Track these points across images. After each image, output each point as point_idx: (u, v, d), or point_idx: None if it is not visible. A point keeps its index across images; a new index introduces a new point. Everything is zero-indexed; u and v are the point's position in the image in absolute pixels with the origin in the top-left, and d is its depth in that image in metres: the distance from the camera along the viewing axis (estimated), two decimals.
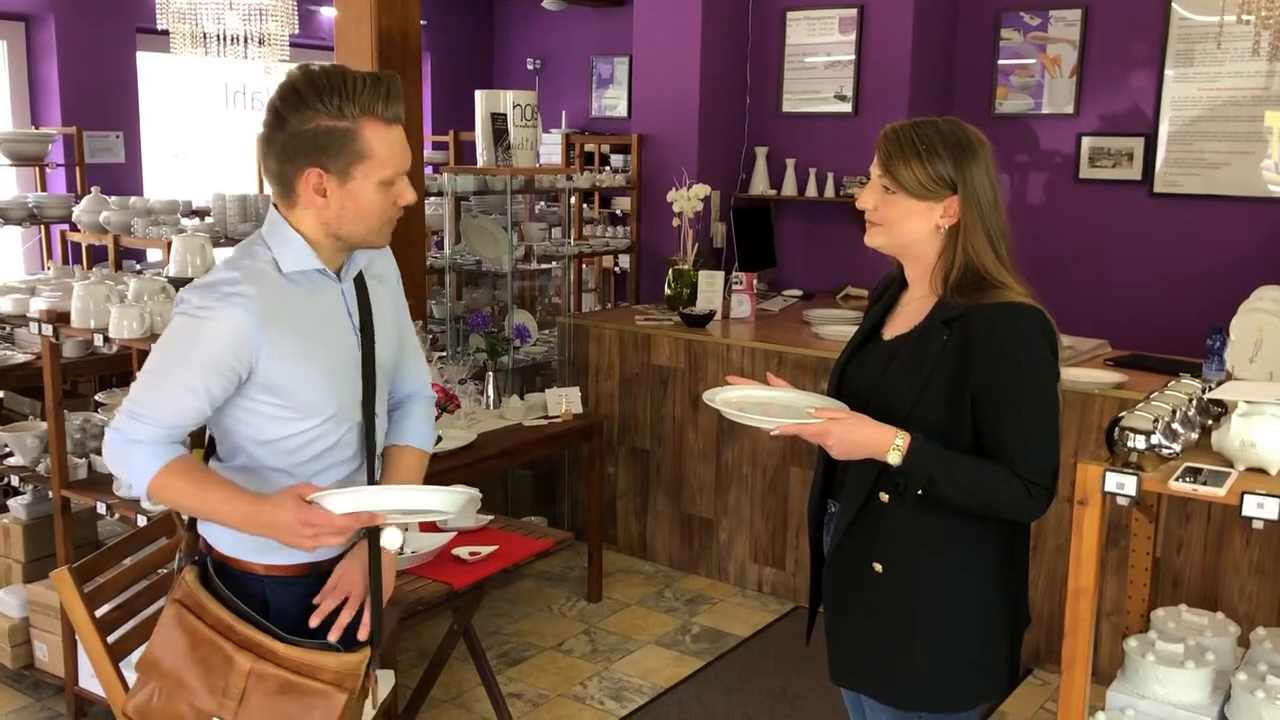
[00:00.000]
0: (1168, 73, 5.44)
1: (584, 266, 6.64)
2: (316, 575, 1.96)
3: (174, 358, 1.81)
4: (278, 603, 1.93)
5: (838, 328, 4.49)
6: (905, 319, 2.04)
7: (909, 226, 1.96)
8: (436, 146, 8.04)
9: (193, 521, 2.08)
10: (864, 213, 2.02)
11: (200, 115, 7.81)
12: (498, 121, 4.58)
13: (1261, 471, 1.79)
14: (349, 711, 1.85)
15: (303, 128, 1.76)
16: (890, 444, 1.87)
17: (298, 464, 1.89)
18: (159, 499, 1.87)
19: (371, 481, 1.98)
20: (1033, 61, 5.81)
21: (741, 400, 2.03)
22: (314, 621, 1.89)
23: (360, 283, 1.96)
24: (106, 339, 3.32)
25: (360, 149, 1.77)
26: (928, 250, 1.98)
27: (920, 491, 1.88)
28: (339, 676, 1.84)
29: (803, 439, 1.92)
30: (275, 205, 1.88)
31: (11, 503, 3.82)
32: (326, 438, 1.90)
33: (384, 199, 1.83)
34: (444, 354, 4.80)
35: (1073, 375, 3.74)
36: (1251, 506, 1.71)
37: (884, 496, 1.95)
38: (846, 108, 5.93)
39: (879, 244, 2.01)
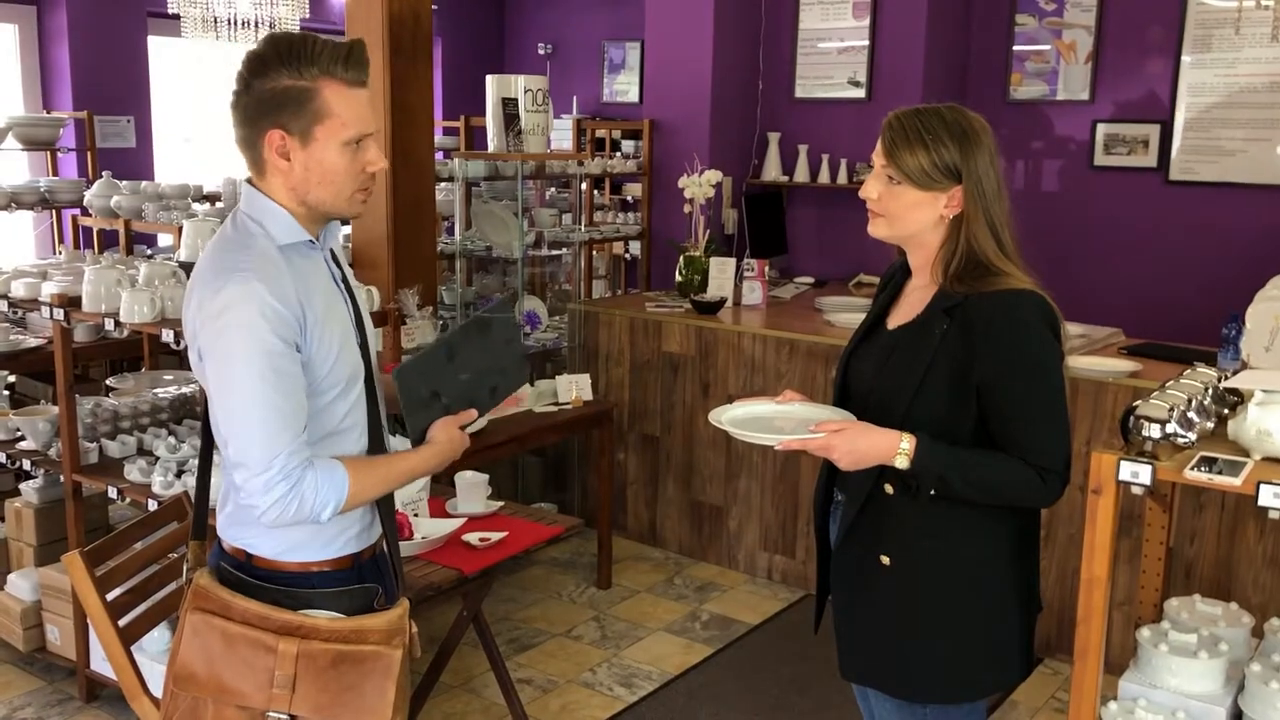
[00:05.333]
0: (1184, 59, 5.39)
1: (594, 253, 6.62)
2: (359, 565, 1.94)
3: (244, 372, 1.72)
4: (322, 600, 1.88)
5: (850, 315, 4.47)
6: (908, 308, 2.03)
7: (913, 217, 1.94)
8: (447, 131, 8.02)
9: (200, 530, 2.05)
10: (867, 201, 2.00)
11: (211, 99, 7.80)
12: (509, 106, 4.56)
13: (1278, 461, 1.77)
14: (404, 670, 1.84)
15: (264, 89, 1.76)
16: (896, 449, 1.86)
17: (314, 441, 1.84)
18: (350, 508, 1.82)
19: (376, 450, 1.95)
20: (1048, 47, 5.76)
21: (746, 418, 2.04)
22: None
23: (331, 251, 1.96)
24: (117, 324, 3.32)
25: (320, 108, 1.76)
26: (931, 239, 1.96)
27: (933, 491, 1.87)
28: (387, 634, 1.82)
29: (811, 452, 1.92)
30: (249, 180, 1.86)
31: (23, 487, 3.83)
32: (338, 407, 1.87)
33: (350, 163, 1.80)
34: None
35: (1087, 364, 3.71)
36: (1268, 496, 1.69)
37: (889, 489, 1.93)
38: (860, 93, 5.89)
39: (882, 234, 1.99)
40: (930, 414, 1.90)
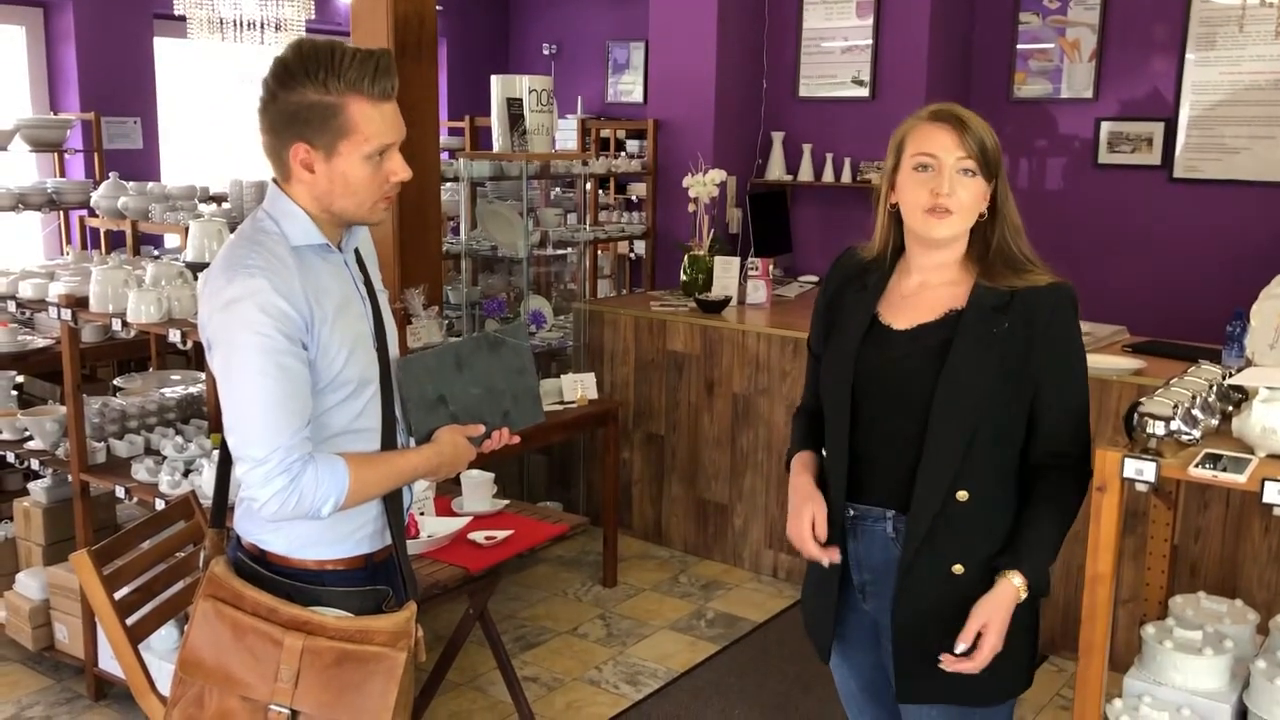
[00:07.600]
0: (1188, 56, 5.39)
1: (599, 252, 6.63)
2: (371, 566, 1.95)
3: (246, 365, 1.73)
4: (332, 598, 1.89)
5: None
6: (921, 309, 1.94)
7: (975, 209, 1.90)
8: (452, 132, 8.03)
9: (218, 519, 2.08)
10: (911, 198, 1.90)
11: (217, 101, 7.82)
12: (514, 107, 4.57)
13: None
14: (408, 673, 1.84)
15: (289, 101, 1.76)
16: (1017, 595, 1.85)
17: (322, 440, 1.85)
18: (351, 504, 1.83)
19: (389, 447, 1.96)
20: (1052, 46, 5.76)
21: None
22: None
23: (356, 254, 1.97)
24: (125, 324, 3.33)
25: (344, 124, 1.77)
26: (965, 236, 1.94)
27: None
28: (393, 637, 1.83)
29: None
30: (274, 180, 1.88)
31: (31, 486, 3.84)
32: (349, 408, 1.88)
33: (374, 175, 1.83)
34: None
35: (1091, 361, 3.67)
36: (1272, 493, 1.69)
37: (961, 496, 1.86)
38: (864, 92, 5.89)
39: (948, 234, 1.90)
40: (995, 419, 1.87)
